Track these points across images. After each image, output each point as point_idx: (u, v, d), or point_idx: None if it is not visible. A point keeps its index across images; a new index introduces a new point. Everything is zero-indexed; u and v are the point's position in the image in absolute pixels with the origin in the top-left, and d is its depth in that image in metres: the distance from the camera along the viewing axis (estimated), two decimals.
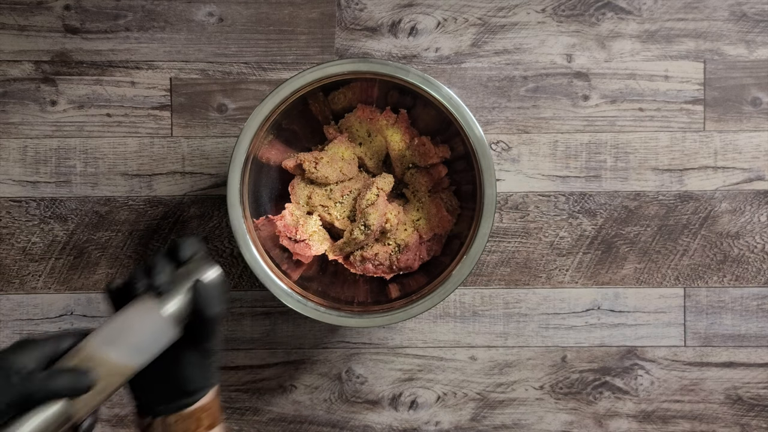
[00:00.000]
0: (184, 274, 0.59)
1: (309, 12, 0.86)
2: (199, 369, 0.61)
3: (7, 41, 0.85)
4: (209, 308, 0.59)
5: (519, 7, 0.86)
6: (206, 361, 0.62)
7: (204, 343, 0.61)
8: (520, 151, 0.86)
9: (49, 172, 0.86)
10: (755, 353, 0.86)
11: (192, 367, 0.61)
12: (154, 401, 0.61)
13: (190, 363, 0.61)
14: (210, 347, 0.61)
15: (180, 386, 0.61)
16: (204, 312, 0.59)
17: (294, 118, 0.79)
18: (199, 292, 0.59)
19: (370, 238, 0.79)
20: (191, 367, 0.61)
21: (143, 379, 0.61)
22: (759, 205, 0.86)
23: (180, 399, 0.61)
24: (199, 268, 0.60)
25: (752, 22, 0.85)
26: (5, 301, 0.86)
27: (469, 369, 0.86)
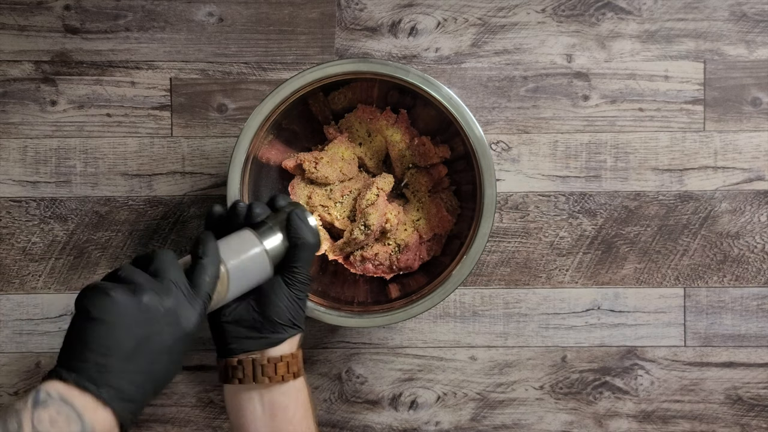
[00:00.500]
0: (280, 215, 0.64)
1: (309, 12, 0.86)
2: (289, 302, 0.63)
3: (7, 41, 0.85)
4: (304, 235, 0.63)
5: (519, 7, 0.86)
6: (297, 299, 0.64)
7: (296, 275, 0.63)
8: (520, 151, 0.86)
9: (49, 172, 0.86)
10: (755, 353, 0.86)
11: (283, 300, 0.63)
12: (244, 335, 0.62)
13: (281, 296, 0.63)
14: (301, 282, 0.64)
15: (270, 319, 0.63)
16: (299, 238, 0.63)
17: (294, 118, 0.79)
18: (295, 220, 0.63)
19: (370, 238, 0.79)
20: (282, 300, 0.63)
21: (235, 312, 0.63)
22: (759, 205, 0.86)
23: (270, 334, 0.63)
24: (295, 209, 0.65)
25: (752, 22, 0.85)
26: (5, 301, 0.86)
27: (469, 369, 0.86)
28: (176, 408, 0.86)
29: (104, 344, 0.53)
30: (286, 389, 0.63)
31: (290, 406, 0.63)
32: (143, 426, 0.86)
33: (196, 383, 0.86)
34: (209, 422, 0.87)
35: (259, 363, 0.63)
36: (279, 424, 0.63)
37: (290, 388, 0.63)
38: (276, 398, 0.63)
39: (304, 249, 0.63)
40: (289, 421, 0.63)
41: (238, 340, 0.63)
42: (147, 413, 0.86)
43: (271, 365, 0.63)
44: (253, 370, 0.63)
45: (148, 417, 0.86)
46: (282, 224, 0.64)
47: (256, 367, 0.63)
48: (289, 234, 0.63)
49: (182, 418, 0.86)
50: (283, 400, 0.63)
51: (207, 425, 0.87)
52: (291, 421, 0.63)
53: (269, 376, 0.63)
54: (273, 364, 0.63)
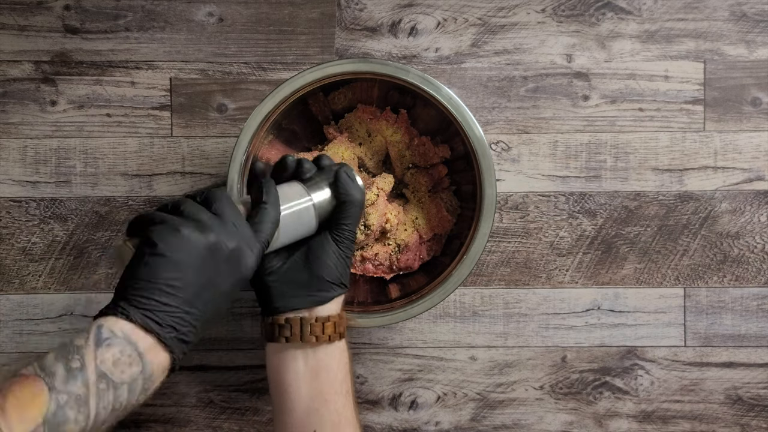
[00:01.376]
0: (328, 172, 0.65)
1: (309, 12, 0.86)
2: (337, 259, 0.63)
3: (7, 41, 0.85)
4: (352, 191, 0.64)
5: (519, 7, 0.86)
6: (344, 256, 0.64)
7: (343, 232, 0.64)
8: (520, 151, 0.86)
9: (49, 172, 0.86)
10: (755, 353, 0.86)
11: (330, 257, 0.63)
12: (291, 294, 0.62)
13: (329, 253, 0.63)
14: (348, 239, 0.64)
15: (318, 276, 0.62)
16: (347, 194, 0.64)
17: (294, 118, 0.79)
18: (343, 177, 0.64)
19: (370, 238, 0.79)
20: (330, 257, 0.63)
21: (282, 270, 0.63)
22: (759, 205, 0.86)
23: (318, 292, 0.63)
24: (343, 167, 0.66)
25: (752, 22, 0.85)
26: (5, 301, 0.86)
27: (469, 369, 0.86)
28: (176, 408, 0.86)
29: (170, 283, 0.52)
30: (331, 350, 0.63)
31: (333, 366, 0.63)
32: (143, 426, 0.86)
33: (196, 383, 0.86)
34: (209, 422, 0.87)
35: (308, 322, 0.62)
36: (321, 385, 0.62)
37: (335, 348, 0.63)
38: (320, 358, 0.62)
39: (352, 206, 0.64)
40: (331, 382, 0.62)
41: (285, 298, 0.62)
42: (147, 413, 0.86)
43: (319, 324, 0.62)
44: (301, 328, 0.62)
45: (148, 417, 0.86)
46: (329, 181, 0.64)
47: (304, 325, 0.62)
48: (337, 191, 0.64)
49: (182, 418, 0.86)
50: (327, 360, 0.62)
51: (207, 425, 0.87)
52: (332, 382, 0.62)
53: (317, 336, 0.62)
54: (321, 323, 0.62)
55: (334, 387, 0.62)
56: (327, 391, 0.62)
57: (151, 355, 0.52)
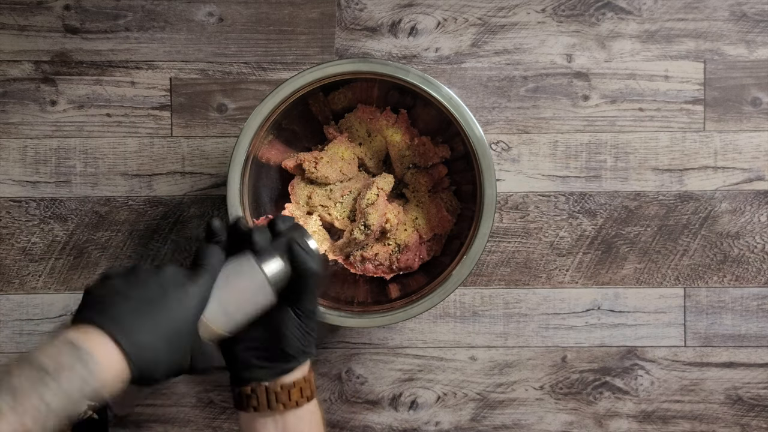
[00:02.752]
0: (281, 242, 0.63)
1: (309, 12, 0.86)
2: (299, 332, 0.63)
3: (7, 41, 0.85)
4: (307, 264, 0.62)
5: (519, 7, 0.86)
6: (305, 325, 0.63)
7: (303, 305, 0.63)
8: (520, 151, 0.86)
9: (49, 172, 0.86)
10: (755, 353, 0.86)
11: (292, 330, 0.63)
12: (255, 366, 0.63)
13: (290, 325, 0.63)
14: (309, 310, 0.63)
15: (281, 348, 0.63)
16: (302, 267, 0.62)
17: (294, 118, 0.79)
18: (296, 249, 0.62)
19: (370, 238, 0.79)
20: (291, 330, 0.63)
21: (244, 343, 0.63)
22: (759, 205, 0.86)
23: (281, 363, 0.63)
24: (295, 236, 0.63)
25: (752, 22, 0.85)
26: (5, 301, 0.86)
27: (469, 369, 0.86)
28: (176, 408, 0.86)
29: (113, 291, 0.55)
30: (301, 413, 0.63)
31: (304, 429, 0.63)
32: (143, 426, 0.86)
33: (196, 383, 0.86)
34: (209, 422, 0.87)
35: (273, 390, 0.62)
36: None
37: (304, 411, 0.64)
38: (290, 423, 0.63)
39: (309, 277, 0.62)
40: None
41: (250, 370, 0.63)
42: (147, 413, 0.86)
43: (285, 392, 0.63)
44: (267, 397, 0.63)
45: (148, 417, 0.86)
46: (283, 250, 0.62)
47: (269, 394, 0.62)
48: (292, 264, 0.62)
49: (182, 418, 0.86)
50: (298, 424, 0.63)
51: (207, 425, 0.87)
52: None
53: (283, 403, 0.63)
54: (286, 390, 0.63)
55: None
56: None
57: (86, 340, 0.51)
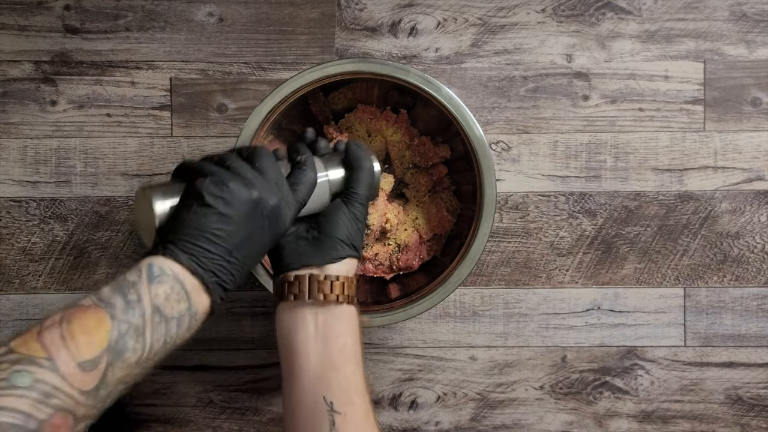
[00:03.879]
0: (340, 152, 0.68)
1: (309, 12, 0.86)
2: (348, 222, 0.65)
3: (7, 41, 0.85)
4: (362, 159, 0.66)
5: (519, 7, 0.86)
6: (355, 219, 0.66)
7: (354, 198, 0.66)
8: (520, 151, 0.86)
9: (49, 172, 0.86)
10: (755, 353, 0.86)
11: (342, 219, 0.65)
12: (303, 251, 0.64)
13: (341, 215, 0.65)
14: (360, 204, 0.66)
15: (330, 234, 0.64)
16: (357, 161, 0.66)
17: (294, 118, 0.79)
18: (352, 147, 0.67)
19: (370, 238, 0.79)
20: (341, 218, 0.65)
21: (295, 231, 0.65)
22: (759, 205, 0.86)
23: (329, 249, 0.64)
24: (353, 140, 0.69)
25: (752, 22, 0.85)
26: (5, 301, 0.86)
27: (469, 369, 0.86)
28: (176, 408, 0.86)
29: (215, 233, 0.56)
30: (340, 313, 0.63)
31: (342, 331, 0.63)
32: (143, 426, 0.86)
33: (196, 383, 0.86)
34: (209, 422, 0.87)
35: (316, 279, 0.62)
36: (330, 349, 0.62)
37: (344, 313, 0.63)
38: (329, 321, 0.62)
39: (361, 170, 0.66)
40: (341, 348, 0.62)
41: (295, 255, 0.64)
42: (147, 413, 0.86)
43: (327, 282, 0.62)
44: (309, 285, 0.62)
45: (148, 417, 0.86)
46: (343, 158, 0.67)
47: (312, 282, 0.62)
48: (347, 158, 0.66)
49: (182, 418, 0.86)
50: (336, 324, 0.62)
51: (207, 425, 0.87)
52: (342, 348, 0.62)
53: (324, 293, 0.62)
54: (329, 281, 0.62)
55: (343, 353, 0.62)
56: (336, 358, 0.62)
57: (195, 295, 0.55)
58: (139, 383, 0.55)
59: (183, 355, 0.86)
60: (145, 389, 0.86)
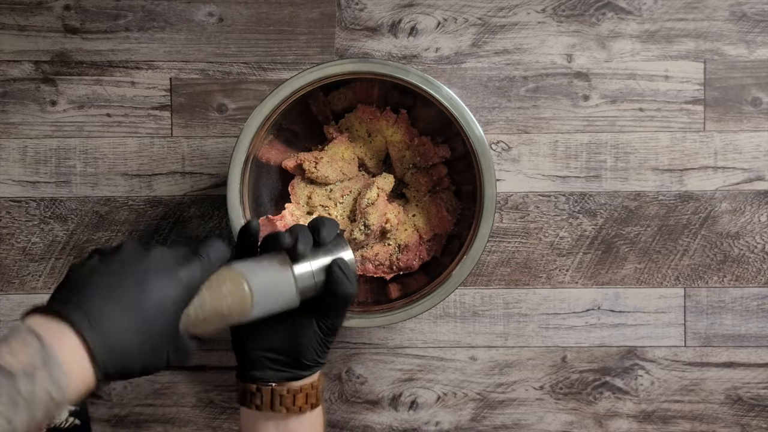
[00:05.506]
0: (321, 251, 0.62)
1: (309, 12, 0.86)
2: (317, 345, 0.63)
3: (7, 41, 0.85)
4: (344, 287, 0.61)
5: (519, 7, 0.86)
6: (326, 339, 0.63)
7: (331, 321, 0.62)
8: (520, 151, 0.86)
9: (49, 172, 0.86)
10: (755, 353, 0.86)
11: (312, 341, 0.62)
12: (266, 367, 0.62)
13: (311, 337, 0.62)
14: (334, 327, 0.63)
15: (297, 356, 0.62)
16: (338, 289, 0.61)
17: (294, 118, 0.79)
18: (337, 272, 0.61)
19: (370, 238, 0.79)
20: (311, 341, 0.62)
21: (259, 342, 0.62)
22: (759, 205, 0.86)
23: (293, 370, 0.62)
24: (337, 249, 0.62)
25: (752, 22, 0.85)
26: (5, 301, 0.86)
27: (469, 369, 0.86)
28: (176, 408, 0.86)
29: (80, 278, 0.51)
30: (303, 419, 0.63)
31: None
32: (143, 426, 0.86)
33: (196, 383, 0.86)
34: (209, 422, 0.87)
35: (278, 393, 0.62)
36: None
37: (307, 417, 0.63)
38: (291, 427, 0.63)
39: (343, 300, 0.62)
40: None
41: (260, 369, 0.62)
42: (147, 413, 0.86)
43: (290, 396, 0.62)
44: (272, 399, 0.62)
45: (148, 417, 0.86)
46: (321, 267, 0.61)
47: (274, 396, 0.62)
48: (328, 281, 0.61)
49: (182, 418, 0.86)
50: (299, 429, 0.63)
51: (207, 425, 0.87)
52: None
53: (287, 407, 0.62)
54: (292, 395, 0.62)
55: None
56: None
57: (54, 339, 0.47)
58: (140, 384, 0.54)
59: None
60: (145, 389, 0.86)
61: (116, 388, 0.86)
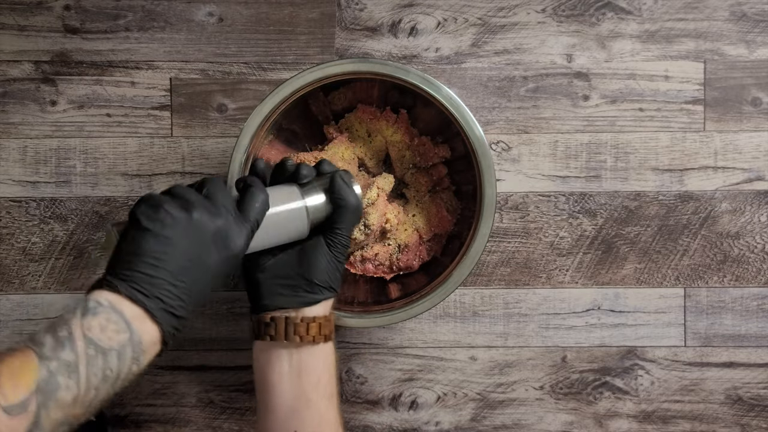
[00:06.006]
0: (325, 178, 0.65)
1: (309, 12, 0.86)
2: (327, 265, 0.64)
3: (7, 41, 0.85)
4: (346, 196, 0.63)
5: (519, 7, 0.86)
6: (336, 261, 0.64)
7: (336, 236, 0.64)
8: (520, 151, 0.86)
9: (49, 172, 0.86)
10: (755, 353, 0.86)
11: (322, 261, 0.63)
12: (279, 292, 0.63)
13: (320, 256, 0.63)
14: (341, 243, 0.64)
15: (309, 276, 0.63)
16: (341, 198, 0.63)
17: (294, 118, 0.79)
18: (338, 181, 0.64)
19: (370, 238, 0.79)
20: (321, 261, 0.63)
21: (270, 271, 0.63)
22: (759, 205, 0.86)
23: (305, 293, 0.63)
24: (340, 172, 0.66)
25: (752, 22, 0.85)
26: (5, 301, 0.86)
27: (469, 369, 0.86)
28: (176, 408, 0.86)
29: (155, 256, 0.53)
30: (316, 351, 0.63)
31: (318, 368, 0.63)
32: (143, 426, 0.86)
33: (196, 383, 0.86)
34: (209, 422, 0.87)
35: (292, 321, 0.62)
36: (305, 386, 0.62)
37: (320, 350, 0.63)
38: (305, 359, 0.63)
39: (347, 210, 0.63)
40: (315, 384, 0.63)
41: (272, 296, 0.63)
42: (147, 413, 0.86)
43: (304, 324, 0.62)
44: (286, 327, 0.62)
45: (148, 417, 0.86)
46: (326, 186, 0.64)
47: (288, 325, 0.62)
48: (332, 195, 0.64)
49: (182, 418, 0.86)
50: (312, 361, 0.63)
51: (207, 425, 0.87)
52: (317, 384, 0.63)
53: (301, 336, 0.62)
54: (305, 323, 0.62)
55: (317, 389, 0.63)
56: (310, 393, 0.62)
57: (137, 323, 0.53)
58: (140, 384, 0.55)
59: (183, 355, 0.86)
60: (145, 389, 0.86)
61: None
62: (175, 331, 0.55)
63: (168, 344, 0.55)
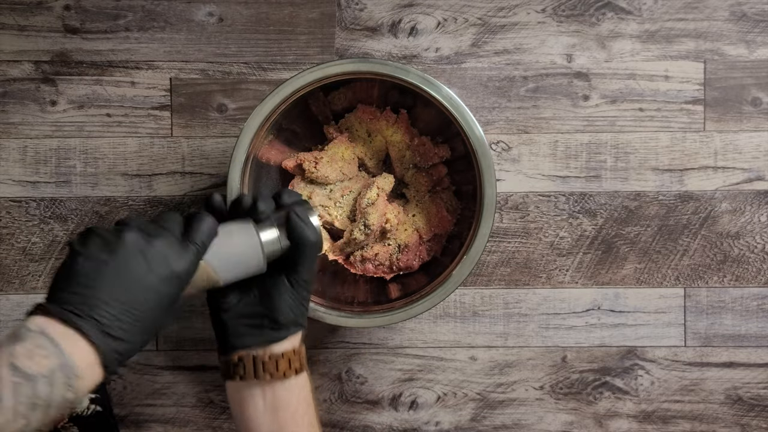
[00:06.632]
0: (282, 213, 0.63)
1: (309, 12, 0.86)
2: (291, 302, 0.63)
3: (7, 41, 0.85)
4: (303, 233, 0.62)
5: (519, 7, 0.86)
6: (298, 295, 0.63)
7: (297, 274, 0.63)
8: (520, 151, 0.86)
9: (49, 172, 0.86)
10: (755, 353, 0.86)
11: (285, 298, 0.63)
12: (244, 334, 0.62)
13: (283, 294, 0.63)
14: (303, 280, 0.63)
15: (273, 316, 0.62)
16: (298, 237, 0.62)
17: (294, 118, 0.79)
18: (294, 219, 0.62)
19: (370, 238, 0.79)
20: (284, 298, 0.63)
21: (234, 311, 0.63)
22: (759, 205, 0.86)
23: (271, 332, 0.63)
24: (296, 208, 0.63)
25: (752, 22, 0.85)
26: (5, 301, 0.86)
27: (469, 369, 0.86)
28: (176, 408, 0.86)
29: (88, 275, 0.52)
30: (289, 385, 0.63)
31: (292, 401, 0.63)
32: (143, 426, 0.86)
33: (196, 383, 0.86)
34: (209, 422, 0.87)
35: (260, 359, 0.62)
36: (281, 420, 0.63)
37: (293, 384, 0.63)
38: (278, 394, 0.63)
39: (304, 247, 0.63)
40: (292, 417, 0.63)
41: (238, 336, 0.63)
42: (147, 413, 0.86)
43: (272, 362, 0.62)
44: (254, 366, 0.62)
45: (148, 417, 0.86)
46: (282, 221, 0.63)
47: (257, 363, 0.62)
48: (289, 233, 0.62)
49: (182, 418, 0.86)
50: (286, 395, 0.63)
51: (207, 425, 0.87)
52: (293, 417, 0.63)
53: (270, 373, 0.62)
54: (274, 360, 0.62)
55: (295, 421, 0.63)
56: (289, 426, 0.63)
57: (69, 346, 0.50)
58: (140, 383, 0.55)
59: (183, 355, 0.86)
60: (145, 389, 0.86)
61: (116, 388, 0.86)
62: (119, 356, 0.53)
63: (111, 370, 0.53)
